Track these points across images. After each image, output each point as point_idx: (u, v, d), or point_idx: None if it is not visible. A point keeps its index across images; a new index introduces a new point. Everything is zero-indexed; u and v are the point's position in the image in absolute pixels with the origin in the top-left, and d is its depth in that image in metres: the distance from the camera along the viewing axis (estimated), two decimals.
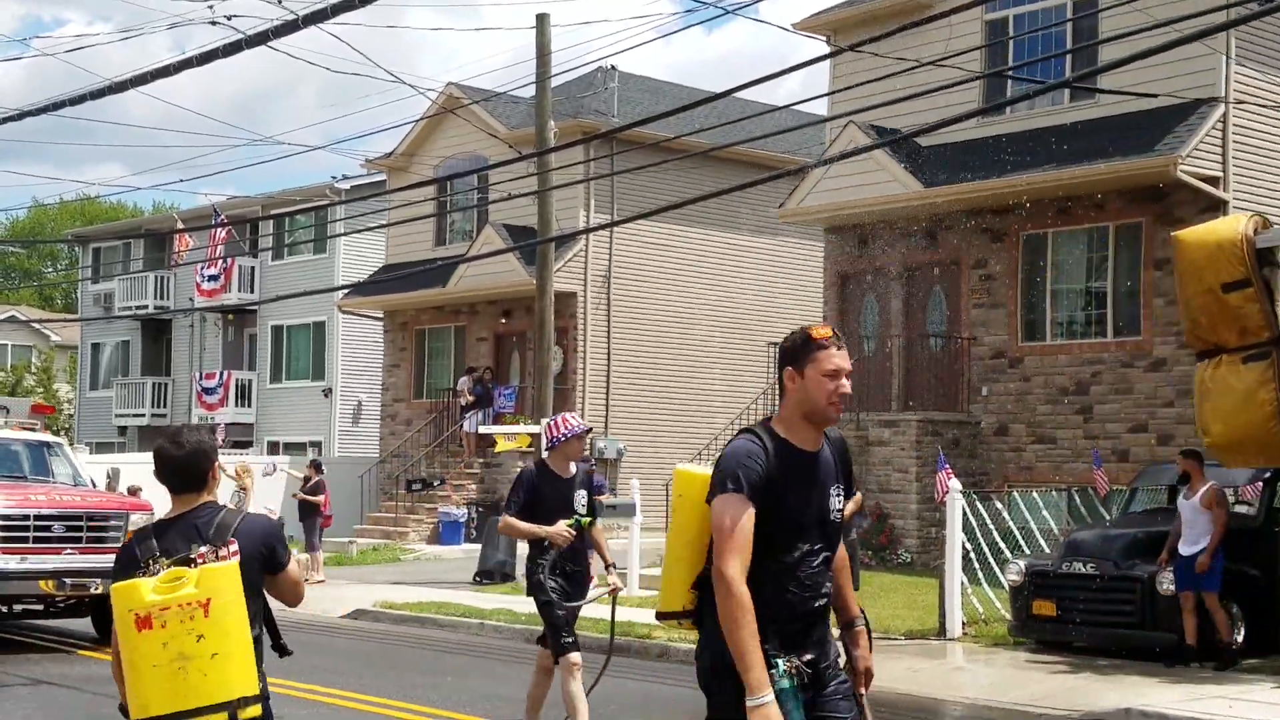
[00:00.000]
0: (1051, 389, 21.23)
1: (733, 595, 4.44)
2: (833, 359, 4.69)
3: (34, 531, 14.35)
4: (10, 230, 75.62)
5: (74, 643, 15.20)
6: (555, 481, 9.19)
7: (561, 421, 9.31)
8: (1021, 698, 12.30)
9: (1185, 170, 19.23)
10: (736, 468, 4.55)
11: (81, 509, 14.85)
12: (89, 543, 14.62)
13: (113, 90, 17.93)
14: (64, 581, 14.29)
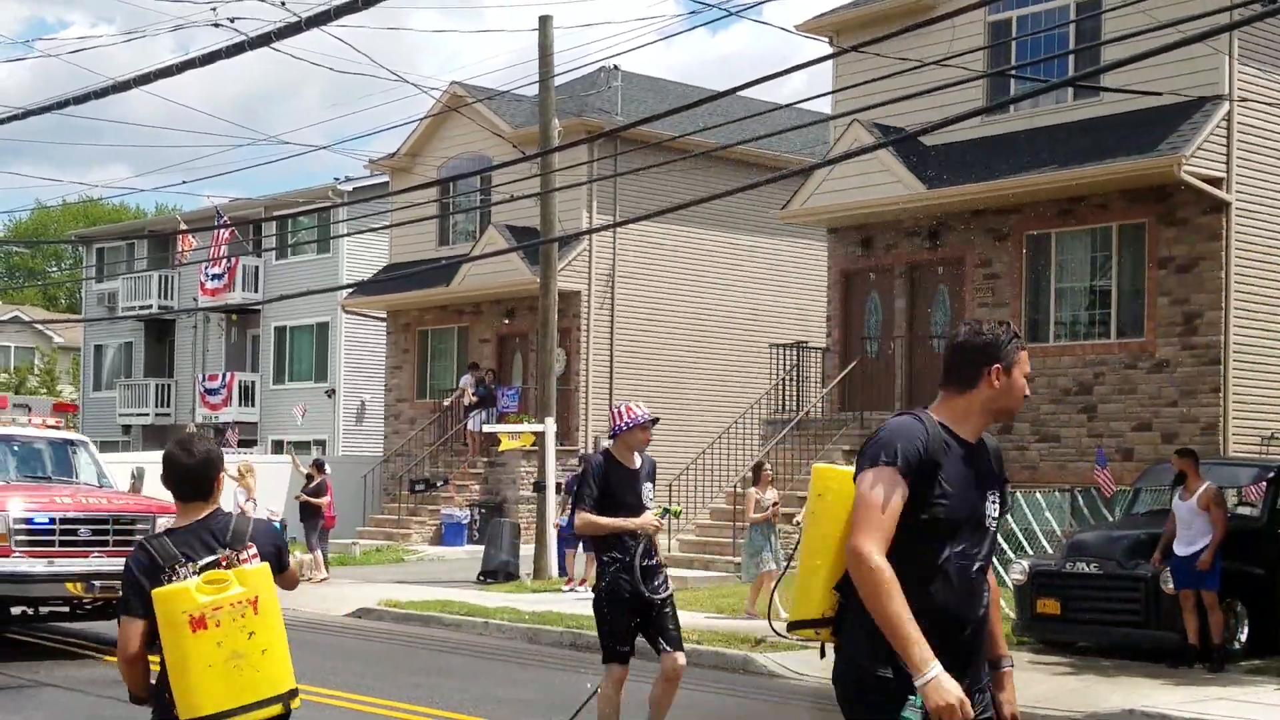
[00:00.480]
0: (1054, 390, 21.21)
1: (874, 569, 4.07)
2: (1028, 360, 4.53)
3: (60, 535, 14.19)
4: (13, 231, 75.70)
5: (98, 647, 14.88)
6: (622, 472, 8.70)
7: (626, 410, 8.79)
8: (1025, 699, 12.24)
9: (1189, 171, 19.20)
10: (895, 440, 4.26)
11: (108, 511, 14.63)
12: (116, 545, 14.33)
13: (115, 90, 17.93)
14: (92, 584, 14.07)
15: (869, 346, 23.93)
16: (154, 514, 14.75)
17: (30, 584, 13.95)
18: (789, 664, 13.94)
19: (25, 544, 13.99)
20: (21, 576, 13.92)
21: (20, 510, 14.14)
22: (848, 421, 22.44)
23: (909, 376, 23.12)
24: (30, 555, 13.98)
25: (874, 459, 4.23)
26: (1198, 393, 19.68)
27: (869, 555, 4.07)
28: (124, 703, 10.22)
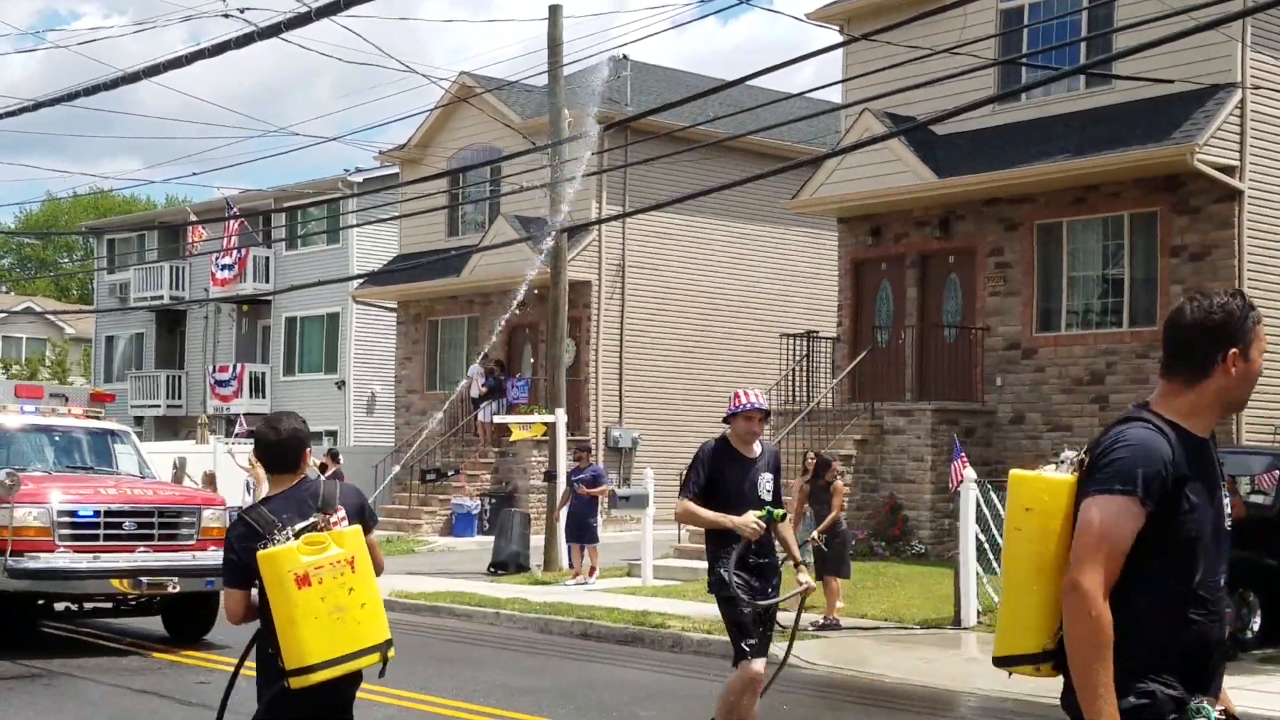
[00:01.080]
0: (1066, 379, 21.15)
1: (1091, 614, 3.57)
2: (1263, 333, 3.87)
3: (105, 529, 13.59)
4: (25, 222, 75.84)
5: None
6: (738, 461, 8.06)
7: (736, 396, 8.22)
8: (1036, 688, 12.22)
9: (1202, 159, 19.11)
10: (1136, 466, 3.63)
11: (154, 504, 14.08)
12: (161, 540, 13.89)
13: (125, 81, 17.96)
14: (139, 580, 13.52)
15: (880, 336, 23.88)
16: (200, 506, 14.34)
17: (74, 580, 13.35)
18: (799, 653, 13.91)
19: (69, 538, 13.41)
20: (65, 572, 13.32)
21: (63, 502, 13.57)
22: (858, 412, 22.39)
23: (920, 366, 23.06)
24: (74, 550, 13.38)
25: (1107, 482, 3.64)
26: None
27: (1094, 599, 3.58)
28: (165, 698, 10.01)
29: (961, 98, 18.78)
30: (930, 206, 22.87)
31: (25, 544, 13.05)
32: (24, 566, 13.07)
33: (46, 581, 13.33)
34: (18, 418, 15.25)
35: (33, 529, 13.20)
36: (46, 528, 13.31)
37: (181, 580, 13.64)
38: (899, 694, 12.31)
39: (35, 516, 13.25)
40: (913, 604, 16.57)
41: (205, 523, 14.12)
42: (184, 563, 13.77)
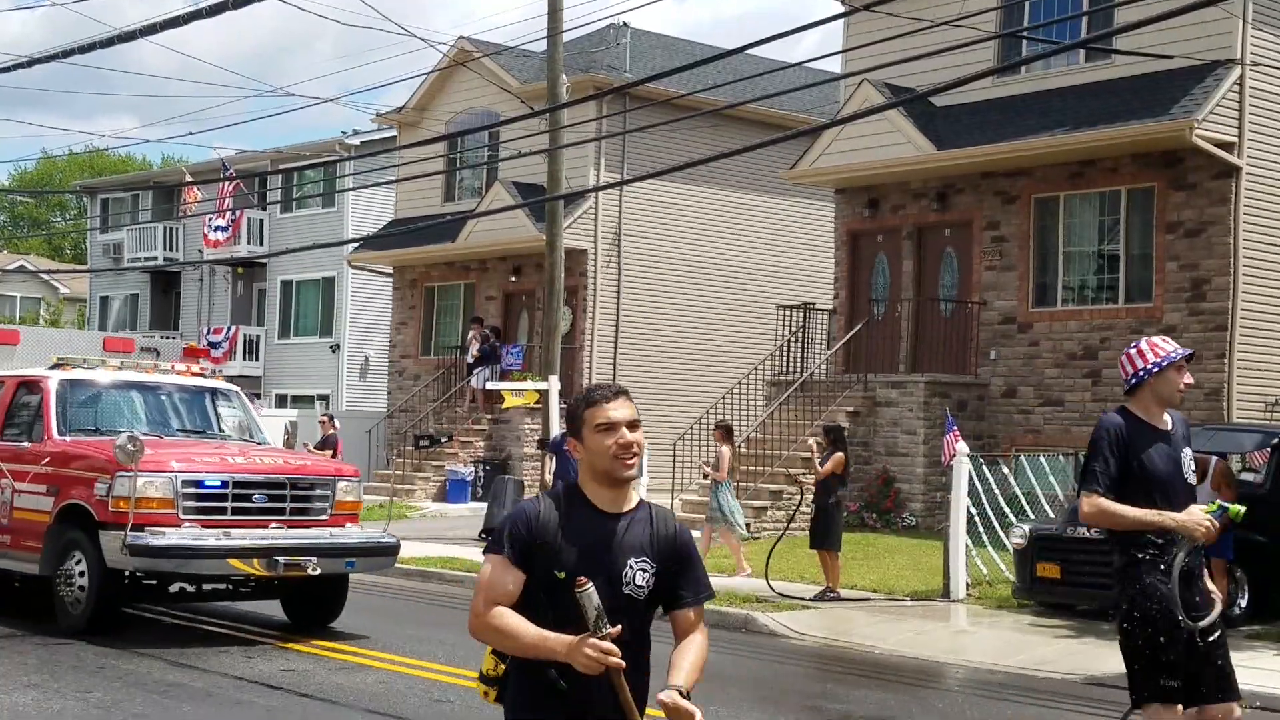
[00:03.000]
0: (1060, 354, 21.17)
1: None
2: None
3: (233, 501, 12.08)
4: (18, 180, 75.55)
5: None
6: (1151, 437, 6.06)
7: (1150, 347, 6.16)
8: (1025, 661, 12.32)
9: (1200, 135, 19.09)
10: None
11: (286, 474, 12.51)
12: (294, 514, 12.39)
13: (122, 40, 17.86)
14: (275, 560, 11.84)
15: (875, 309, 23.87)
16: (333, 477, 12.85)
17: (201, 559, 11.77)
18: (789, 623, 13.98)
19: (193, 511, 11.88)
20: (191, 551, 11.73)
21: (187, 471, 12.00)
22: (851, 384, 22.41)
23: (914, 339, 23.06)
24: (201, 525, 11.85)
25: None
26: (1203, 358, 19.63)
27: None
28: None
29: (961, 70, 18.71)
30: (928, 179, 22.84)
31: (146, 517, 11.57)
32: (145, 543, 11.50)
33: (170, 560, 11.74)
34: (111, 374, 13.75)
35: (154, 501, 11.70)
36: (169, 499, 11.80)
37: (321, 561, 12.06)
38: (889, 665, 12.37)
39: (157, 487, 11.73)
40: (903, 576, 16.63)
41: (339, 496, 12.68)
42: (322, 541, 12.31)
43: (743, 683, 11.35)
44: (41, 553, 12.30)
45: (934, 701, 10.71)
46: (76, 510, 12.07)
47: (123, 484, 11.62)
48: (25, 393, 13.44)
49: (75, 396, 13.27)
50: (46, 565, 12.29)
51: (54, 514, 12.24)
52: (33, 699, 9.39)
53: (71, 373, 13.52)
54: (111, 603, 12.10)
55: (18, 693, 9.55)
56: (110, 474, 11.72)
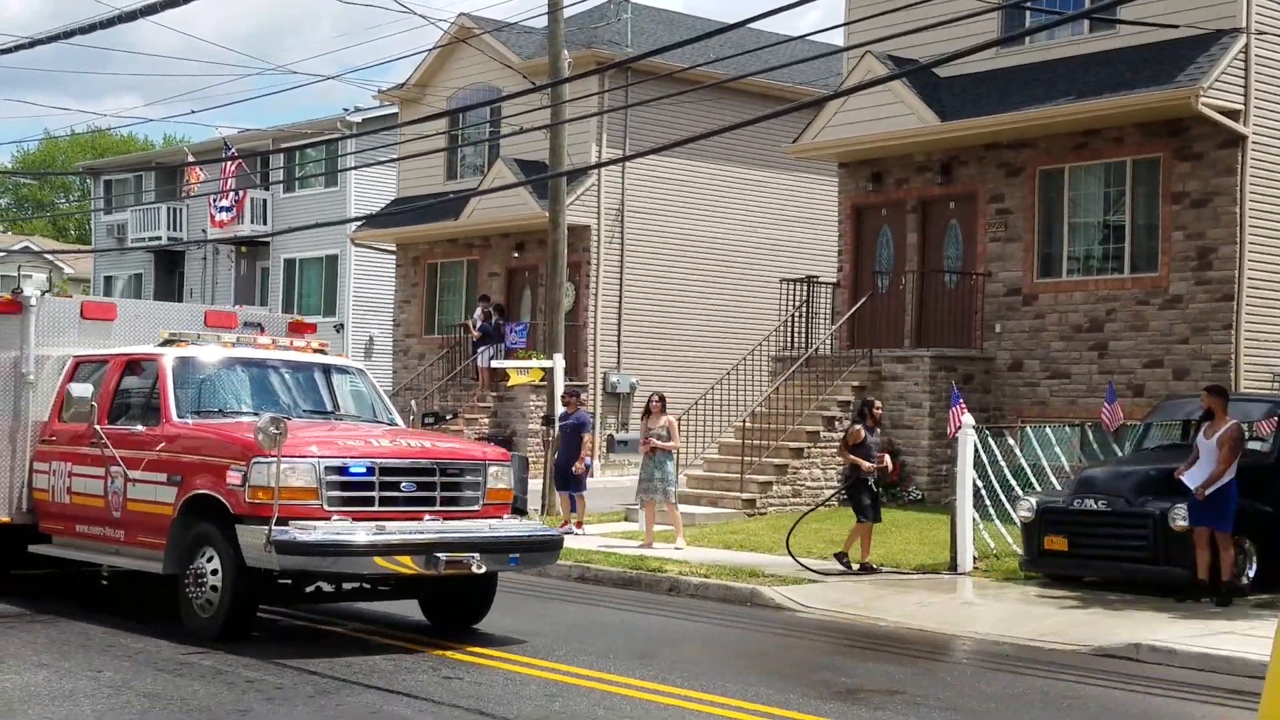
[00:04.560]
0: (1065, 326, 21.11)
1: None
2: None
3: (380, 490, 10.80)
4: (22, 162, 75.48)
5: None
6: None
7: None
8: (1032, 632, 12.31)
9: (1205, 103, 18.99)
10: None
11: (435, 458, 11.19)
12: (444, 505, 11.10)
13: (123, 20, 17.79)
14: (435, 558, 10.53)
15: (880, 282, 23.80)
16: (483, 461, 11.53)
17: (355, 557, 10.38)
18: (795, 597, 13.98)
19: (339, 502, 10.60)
20: (344, 548, 10.33)
21: (329, 455, 10.71)
22: (856, 359, 22.35)
23: (919, 312, 23.00)
24: (351, 517, 10.57)
25: None
26: (1209, 329, 19.57)
27: None
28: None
29: (965, 41, 18.63)
30: (932, 151, 22.75)
31: (288, 509, 10.31)
32: (293, 538, 10.22)
33: (322, 558, 10.35)
34: (227, 350, 12.52)
35: (296, 490, 10.43)
36: (312, 488, 10.53)
37: (484, 558, 10.78)
38: (896, 638, 12.36)
39: (299, 474, 10.46)
40: (909, 549, 16.61)
41: (491, 483, 11.44)
42: (482, 534, 11.07)
43: (750, 656, 11.35)
44: (165, 549, 11.11)
45: (942, 674, 10.70)
46: (205, 502, 10.84)
47: (261, 471, 10.37)
48: (134, 372, 12.32)
49: (192, 376, 12.04)
50: (171, 563, 11.08)
51: (178, 506, 11.03)
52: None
53: (186, 349, 12.26)
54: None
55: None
56: (246, 461, 10.49)
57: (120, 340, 13.15)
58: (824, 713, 8.93)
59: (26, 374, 12.83)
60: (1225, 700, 9.89)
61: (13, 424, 12.83)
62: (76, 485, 12.24)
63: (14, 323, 12.91)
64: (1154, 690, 10.17)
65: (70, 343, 13.07)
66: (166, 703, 8.72)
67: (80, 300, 13.67)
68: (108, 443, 11.79)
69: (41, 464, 12.71)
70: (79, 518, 12.27)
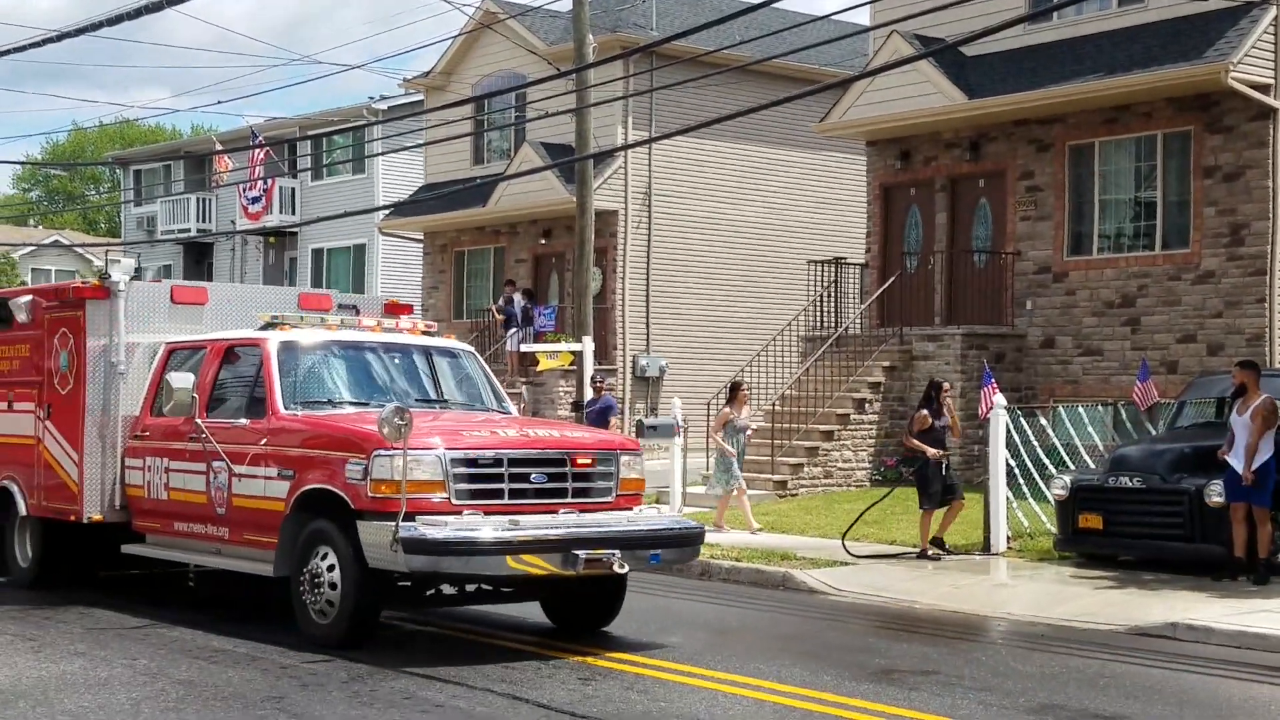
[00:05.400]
0: (1097, 302, 20.96)
1: None
2: None
3: (509, 482, 10.02)
4: (51, 154, 75.88)
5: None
6: None
7: None
8: (1067, 612, 12.24)
9: (1235, 77, 18.80)
10: None
11: (565, 447, 10.43)
12: (575, 496, 10.29)
13: (148, 10, 17.85)
14: (574, 556, 9.70)
15: (908, 261, 23.69)
16: (616, 450, 10.72)
17: (489, 556, 9.54)
18: (828, 580, 13.94)
19: (467, 495, 9.84)
20: (478, 545, 9.52)
21: (455, 445, 9.95)
22: (886, 338, 22.26)
23: (949, 291, 22.88)
24: (483, 510, 9.77)
25: None
26: (1243, 304, 19.40)
27: None
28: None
29: (991, 19, 18.48)
30: (960, 128, 22.61)
31: (413, 504, 9.56)
32: (422, 535, 9.43)
33: (454, 557, 9.52)
34: (332, 334, 11.74)
35: (423, 484, 9.70)
36: (438, 481, 9.78)
37: (624, 555, 9.96)
38: (930, 619, 12.31)
39: (425, 466, 9.73)
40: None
41: (624, 472, 10.61)
42: (622, 529, 10.23)
43: (784, 639, 11.33)
44: (276, 549, 10.43)
45: (977, 654, 10.65)
46: (321, 497, 10.13)
47: (384, 464, 9.66)
48: (233, 359, 11.64)
49: (297, 361, 11.30)
50: (283, 564, 10.38)
51: (290, 502, 10.34)
52: None
53: (289, 333, 11.50)
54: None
55: None
56: (366, 453, 9.77)
57: (211, 326, 12.52)
58: (858, 694, 8.91)
59: (116, 364, 12.30)
60: (1265, 678, 9.83)
61: (103, 417, 12.32)
62: (175, 481, 11.69)
63: (102, 309, 12.35)
64: (1192, 668, 10.10)
65: (160, 329, 12.44)
66: (201, 690, 8.77)
67: (170, 284, 12.99)
68: (210, 436, 11.17)
69: (134, 459, 12.17)
70: (177, 515, 11.71)
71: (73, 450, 12.39)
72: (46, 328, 12.86)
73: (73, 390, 12.43)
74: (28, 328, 13.09)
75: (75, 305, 12.49)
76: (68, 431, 12.48)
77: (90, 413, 12.30)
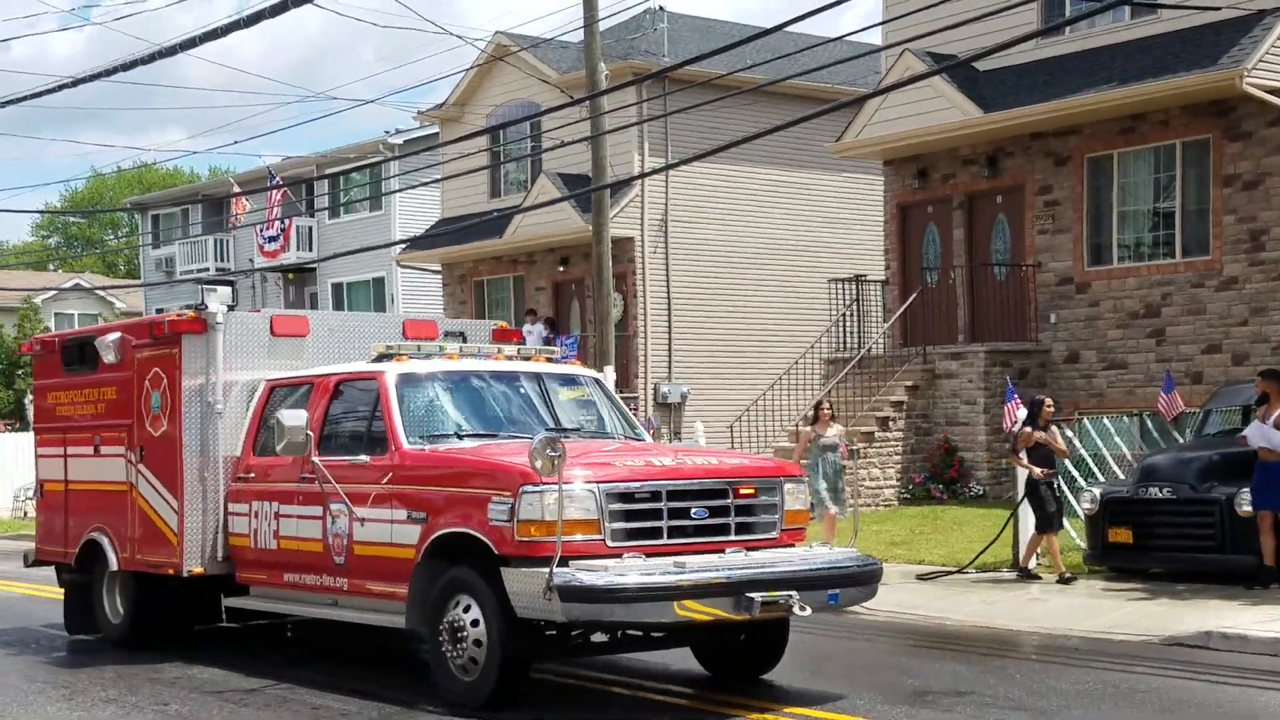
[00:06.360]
0: (1121, 313, 20.88)
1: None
2: None
3: (669, 519, 9.02)
4: (70, 200, 76.41)
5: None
6: None
7: None
8: (1099, 625, 12.16)
9: (1250, 83, 18.76)
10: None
11: (726, 476, 9.39)
12: (739, 532, 9.29)
13: (163, 55, 18.00)
14: (748, 599, 8.63)
15: (929, 278, 23.65)
16: (779, 478, 9.65)
17: (656, 602, 8.50)
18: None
19: (623, 534, 8.86)
20: (646, 591, 8.47)
21: (609, 480, 8.96)
22: (910, 357, 22.20)
23: (971, 308, 22.83)
24: (643, 551, 8.80)
25: None
26: (1268, 310, 19.31)
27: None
28: None
29: (1004, 34, 18.47)
30: (977, 143, 22.59)
31: (569, 546, 8.55)
32: (579, 582, 8.42)
33: (614, 605, 8.46)
34: (453, 364, 10.91)
35: (576, 523, 8.68)
36: (593, 519, 8.78)
37: (804, 596, 8.90)
38: (962, 636, 12.24)
39: (578, 503, 8.72)
40: (971, 548, 16.44)
41: (788, 503, 9.59)
42: (797, 568, 9.19)
43: (816, 658, 11.25)
44: (408, 600, 9.44)
45: (1011, 671, 10.57)
46: (456, 541, 9.17)
47: (533, 503, 8.66)
48: (343, 395, 10.79)
49: (418, 395, 10.47)
50: (416, 616, 9.41)
51: (422, 548, 9.37)
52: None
53: (407, 364, 10.68)
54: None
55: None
56: (512, 491, 8.78)
57: (314, 359, 11.77)
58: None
59: (214, 403, 11.42)
60: None
61: (200, 460, 11.41)
62: (285, 528, 10.74)
63: (198, 344, 11.52)
64: (1229, 679, 10.02)
65: (259, 364, 11.62)
66: None
67: (270, 314, 12.09)
68: (329, 477, 10.20)
69: (238, 504, 11.28)
70: (287, 565, 10.76)
71: (171, 496, 11.47)
72: (136, 367, 12.00)
73: (167, 431, 11.55)
74: (116, 368, 12.23)
75: (170, 341, 11.63)
76: (165, 476, 11.56)
77: (189, 454, 11.40)
